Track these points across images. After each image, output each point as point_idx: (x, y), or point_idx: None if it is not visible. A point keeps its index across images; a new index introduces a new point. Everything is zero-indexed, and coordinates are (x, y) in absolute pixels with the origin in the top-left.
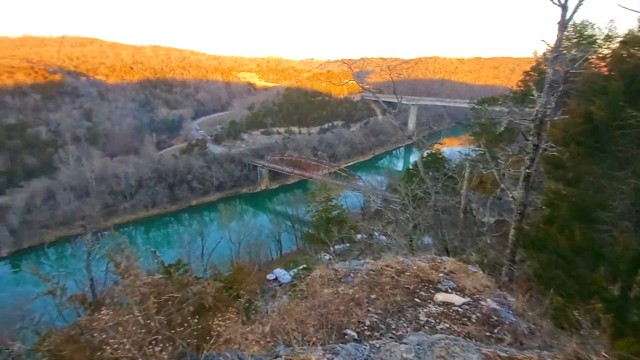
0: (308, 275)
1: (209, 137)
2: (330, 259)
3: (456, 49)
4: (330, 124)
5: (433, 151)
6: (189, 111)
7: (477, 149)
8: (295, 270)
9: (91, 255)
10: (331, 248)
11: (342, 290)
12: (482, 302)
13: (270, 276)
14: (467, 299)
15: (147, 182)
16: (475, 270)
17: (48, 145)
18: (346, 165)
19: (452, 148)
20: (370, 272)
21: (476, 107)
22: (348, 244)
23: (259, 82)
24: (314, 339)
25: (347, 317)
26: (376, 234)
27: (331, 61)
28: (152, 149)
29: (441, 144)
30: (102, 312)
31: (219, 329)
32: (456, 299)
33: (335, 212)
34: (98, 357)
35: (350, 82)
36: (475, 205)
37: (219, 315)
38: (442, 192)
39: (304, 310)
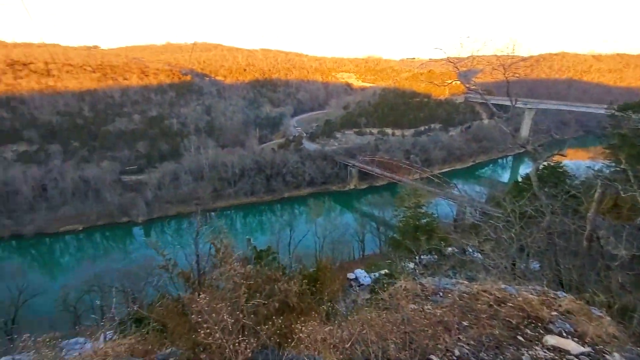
0: (390, 283)
1: (305, 135)
2: (415, 269)
3: (591, 43)
4: (426, 127)
5: (552, 163)
6: (289, 109)
7: (613, 164)
8: (376, 274)
9: (199, 234)
10: (417, 257)
11: (428, 309)
12: (608, 356)
13: (350, 275)
14: (587, 349)
15: (249, 172)
16: (601, 314)
17: (177, 135)
18: (440, 171)
19: (578, 161)
20: (464, 294)
21: (617, 113)
22: (436, 256)
23: (356, 82)
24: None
25: (434, 342)
26: (470, 250)
27: (434, 60)
28: (255, 142)
29: (564, 155)
30: (200, 296)
31: (301, 334)
32: (573, 345)
33: (425, 220)
34: (193, 338)
35: (454, 82)
36: (605, 233)
37: (302, 317)
38: (560, 212)
39: (385, 324)
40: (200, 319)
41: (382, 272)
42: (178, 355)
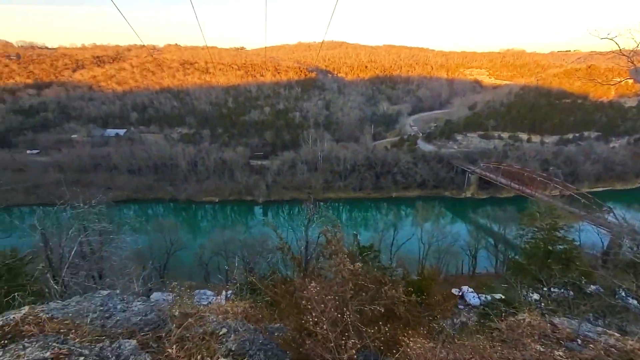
0: (509, 312)
1: (421, 134)
2: (540, 303)
3: None
4: (576, 135)
5: None
6: (407, 107)
7: None
8: (488, 296)
9: (310, 222)
10: (545, 289)
11: (560, 356)
12: None
13: (455, 291)
14: None
15: (359, 167)
16: None
17: (298, 127)
18: (590, 190)
19: None
20: (612, 349)
21: None
22: (572, 293)
23: (488, 79)
24: None
25: None
26: (624, 293)
27: (597, 53)
28: (368, 139)
29: None
30: (312, 284)
31: (407, 349)
32: None
33: (561, 247)
34: (302, 323)
35: (625, 80)
36: None
37: (408, 330)
38: None
39: (500, 358)
40: (309, 306)
41: (497, 296)
42: (285, 332)
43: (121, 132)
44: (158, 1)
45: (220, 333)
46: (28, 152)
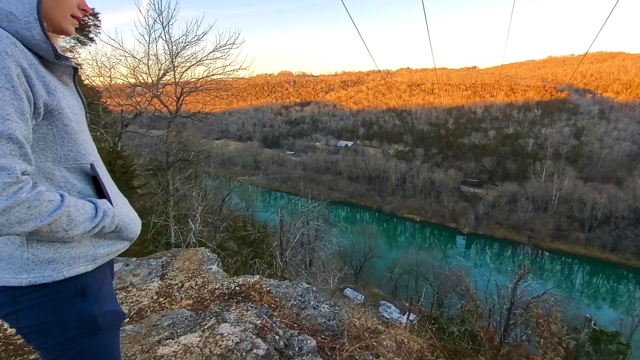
0: None
1: None
2: None
3: None
4: None
5: None
6: None
7: None
8: None
9: (521, 280)
10: None
11: None
12: None
13: None
14: None
15: (617, 220)
16: None
17: (529, 157)
18: None
19: None
20: None
21: None
22: None
23: None
24: None
25: None
26: None
27: None
28: None
29: None
30: None
31: None
32: None
33: None
34: None
35: None
36: None
37: None
38: None
39: None
40: None
41: None
42: None
43: (349, 143)
44: (394, 28)
45: None
46: (287, 152)
